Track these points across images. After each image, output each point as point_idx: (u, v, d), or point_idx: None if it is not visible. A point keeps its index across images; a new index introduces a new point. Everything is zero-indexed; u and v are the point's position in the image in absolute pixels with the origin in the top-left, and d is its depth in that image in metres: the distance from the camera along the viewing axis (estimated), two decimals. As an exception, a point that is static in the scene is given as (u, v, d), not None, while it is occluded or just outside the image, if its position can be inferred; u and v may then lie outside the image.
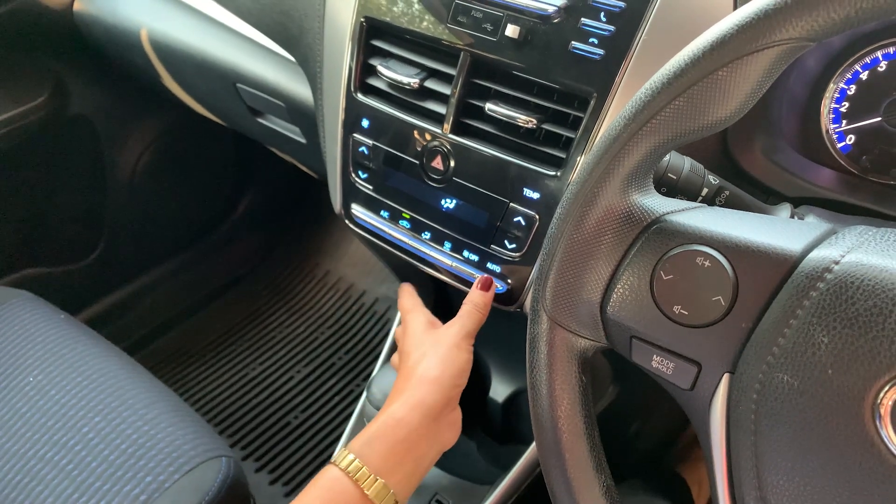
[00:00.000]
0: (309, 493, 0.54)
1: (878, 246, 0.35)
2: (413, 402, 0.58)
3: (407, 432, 0.57)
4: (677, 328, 0.39)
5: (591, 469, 0.43)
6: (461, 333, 0.63)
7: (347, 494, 0.53)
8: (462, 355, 0.62)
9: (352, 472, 0.54)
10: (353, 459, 0.54)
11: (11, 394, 0.85)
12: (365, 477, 0.54)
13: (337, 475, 0.54)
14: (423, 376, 0.60)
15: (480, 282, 0.67)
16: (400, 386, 0.61)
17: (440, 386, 0.59)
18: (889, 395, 0.32)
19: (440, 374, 0.60)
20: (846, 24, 0.32)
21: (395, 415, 0.57)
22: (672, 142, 0.38)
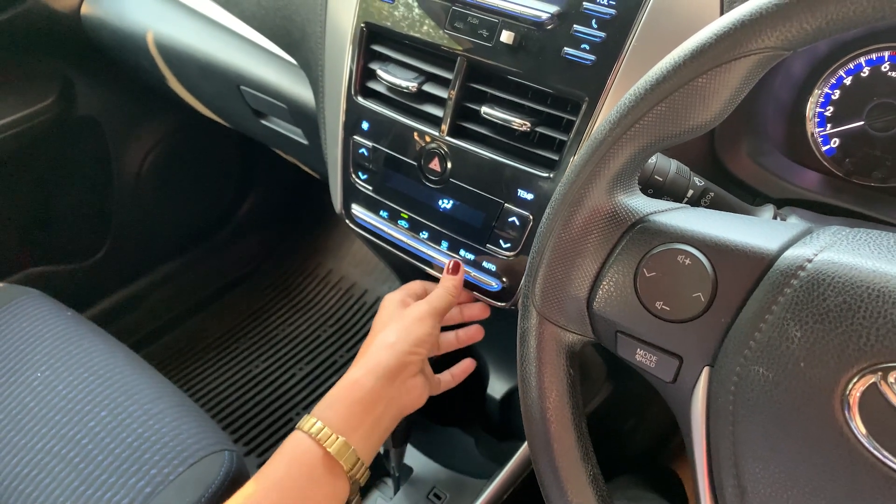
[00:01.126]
0: (276, 457, 0.56)
1: (849, 245, 0.36)
2: (369, 366, 0.61)
3: (363, 393, 0.59)
4: (660, 323, 0.41)
5: (577, 458, 0.45)
6: (426, 309, 0.66)
7: (311, 453, 0.55)
8: (422, 328, 0.64)
9: (314, 432, 0.56)
10: (315, 421, 0.57)
11: (20, 389, 0.86)
12: (326, 436, 0.56)
13: (300, 437, 0.56)
14: (381, 342, 0.63)
15: (450, 265, 0.70)
16: (361, 352, 0.64)
17: (395, 351, 0.62)
18: (857, 386, 0.33)
19: (396, 339, 0.63)
20: (818, 35, 0.34)
21: (352, 377, 0.61)
22: (655, 145, 0.39)
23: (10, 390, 0.87)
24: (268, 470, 0.55)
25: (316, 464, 0.55)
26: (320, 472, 0.55)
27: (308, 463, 0.55)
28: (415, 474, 0.91)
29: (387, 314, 0.67)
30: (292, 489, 0.54)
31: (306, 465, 0.55)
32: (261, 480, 0.54)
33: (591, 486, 0.45)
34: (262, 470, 0.55)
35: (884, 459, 0.33)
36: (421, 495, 0.89)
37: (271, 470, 0.55)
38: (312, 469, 0.55)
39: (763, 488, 0.37)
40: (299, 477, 0.54)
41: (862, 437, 0.33)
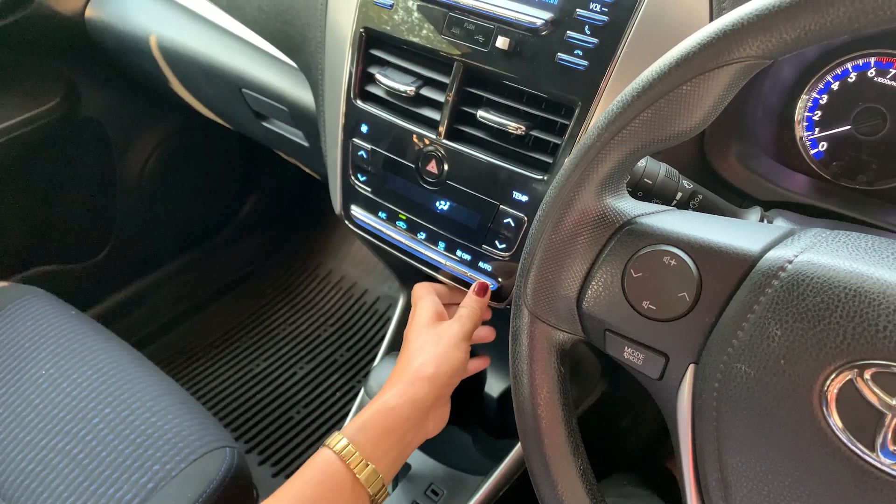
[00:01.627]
0: (304, 473, 0.56)
1: (829, 247, 0.37)
2: (407, 396, 0.61)
3: (398, 423, 0.60)
4: (646, 322, 0.42)
5: (568, 453, 0.46)
6: (461, 334, 0.65)
7: (339, 476, 0.56)
8: (458, 355, 0.64)
9: (345, 456, 0.56)
10: (347, 444, 0.57)
11: (25, 386, 0.88)
12: (357, 462, 0.56)
13: (331, 458, 0.56)
14: (420, 372, 0.62)
15: (477, 287, 0.70)
16: (397, 376, 0.63)
17: (433, 384, 0.62)
18: (835, 382, 0.34)
19: (435, 372, 0.62)
20: (797, 45, 0.35)
21: (389, 404, 0.60)
22: (642, 150, 0.41)
23: (15, 387, 0.88)
24: (297, 486, 0.55)
25: (344, 487, 0.56)
26: (347, 496, 0.56)
27: (337, 485, 0.56)
28: (412, 471, 0.92)
29: (421, 329, 0.67)
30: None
31: (335, 487, 0.56)
32: (290, 496, 0.54)
33: (580, 480, 0.46)
34: (291, 484, 0.55)
35: (859, 453, 0.34)
36: (419, 491, 0.89)
37: (300, 487, 0.55)
38: (341, 492, 0.56)
39: (745, 481, 0.39)
40: (327, 498, 0.55)
41: (839, 430, 0.34)
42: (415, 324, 0.68)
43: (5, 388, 0.88)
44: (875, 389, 0.33)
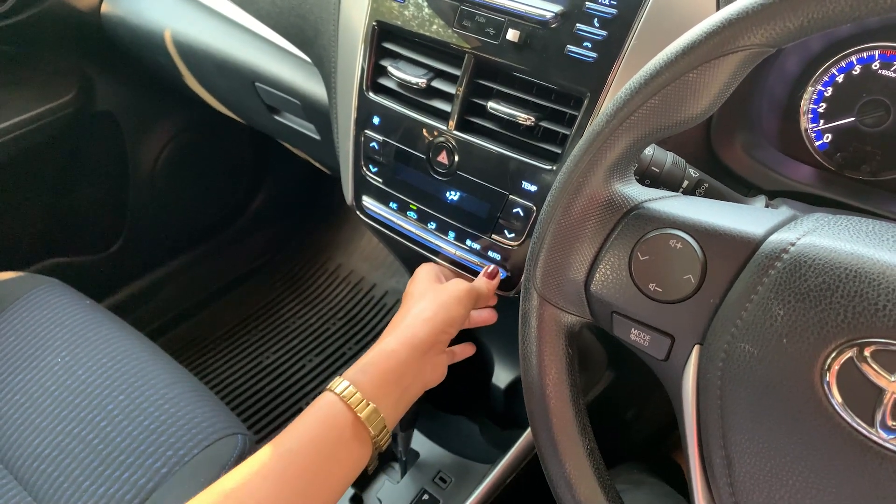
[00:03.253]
0: (306, 415, 0.56)
1: (830, 230, 0.38)
2: (405, 337, 0.61)
3: (396, 363, 0.60)
4: (653, 304, 0.43)
5: (575, 432, 0.47)
6: (466, 291, 0.66)
7: (341, 416, 0.55)
8: (458, 309, 0.65)
9: (346, 396, 0.56)
10: (348, 385, 0.57)
11: (41, 373, 0.89)
12: (358, 401, 0.56)
13: (332, 399, 0.56)
14: (418, 315, 0.63)
15: (487, 271, 0.71)
16: (396, 321, 0.64)
17: (431, 326, 0.63)
18: (836, 360, 0.35)
19: (433, 315, 0.63)
20: (800, 33, 0.36)
21: (388, 346, 0.61)
22: (649, 137, 0.42)
23: (31, 374, 0.89)
24: (299, 428, 0.55)
25: (346, 426, 0.55)
26: (349, 435, 0.55)
27: (339, 425, 0.55)
28: (421, 459, 0.93)
29: (424, 285, 0.68)
30: (322, 449, 0.54)
31: (337, 427, 0.55)
32: (292, 438, 0.54)
33: (588, 459, 0.47)
34: (293, 427, 0.55)
35: (858, 428, 0.35)
36: (427, 478, 0.91)
37: (302, 428, 0.55)
38: (343, 431, 0.55)
39: (748, 458, 0.40)
40: (329, 438, 0.55)
41: (839, 407, 0.35)
42: (417, 279, 0.69)
43: (22, 374, 0.90)
44: (875, 367, 0.34)
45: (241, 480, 0.50)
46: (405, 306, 0.66)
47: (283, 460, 0.52)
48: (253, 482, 0.50)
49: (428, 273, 0.70)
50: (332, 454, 0.54)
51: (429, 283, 0.68)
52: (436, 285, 0.68)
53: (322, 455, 0.54)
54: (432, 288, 0.67)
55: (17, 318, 0.96)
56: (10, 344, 0.94)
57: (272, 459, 0.52)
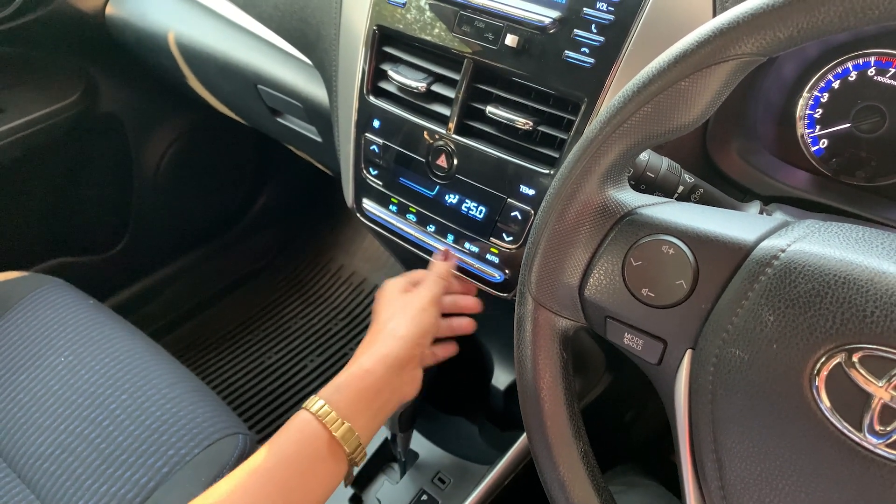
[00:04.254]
0: (281, 434, 0.58)
1: (821, 237, 0.39)
2: (380, 355, 0.63)
3: (373, 381, 0.61)
4: (645, 309, 0.43)
5: (569, 435, 0.48)
6: (428, 298, 0.68)
7: (316, 435, 0.57)
8: (427, 318, 0.67)
9: (321, 415, 0.57)
10: (323, 405, 0.58)
11: (45, 372, 0.90)
12: (333, 420, 0.57)
13: (308, 418, 0.58)
14: (392, 333, 0.65)
15: (441, 254, 0.73)
16: (370, 340, 0.65)
17: (406, 343, 0.64)
18: (825, 366, 0.36)
19: (406, 332, 0.65)
20: (790, 43, 0.36)
21: (364, 365, 0.62)
22: (642, 143, 0.42)
23: (35, 373, 0.90)
24: (276, 447, 0.57)
25: (321, 445, 0.57)
26: (325, 454, 0.57)
27: (314, 444, 0.57)
28: (420, 459, 0.94)
29: (390, 301, 0.69)
30: (298, 467, 0.56)
31: (313, 446, 0.57)
32: (269, 456, 0.56)
33: (581, 462, 0.48)
34: (270, 446, 0.57)
35: (847, 433, 0.35)
36: (426, 479, 0.91)
37: (279, 447, 0.57)
38: (318, 450, 0.57)
39: (739, 461, 0.40)
40: (306, 456, 0.57)
41: (828, 412, 0.36)
42: (384, 296, 0.70)
43: (26, 374, 0.91)
44: (863, 372, 0.35)
45: (221, 497, 0.52)
46: (376, 323, 0.67)
47: (261, 477, 0.54)
48: (233, 499, 0.52)
49: (393, 287, 0.71)
50: (309, 470, 0.56)
51: (396, 297, 0.69)
52: (404, 298, 0.69)
53: (299, 472, 0.56)
54: (401, 301, 0.68)
55: (22, 318, 0.97)
56: (14, 343, 0.94)
57: (251, 476, 0.54)
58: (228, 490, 0.53)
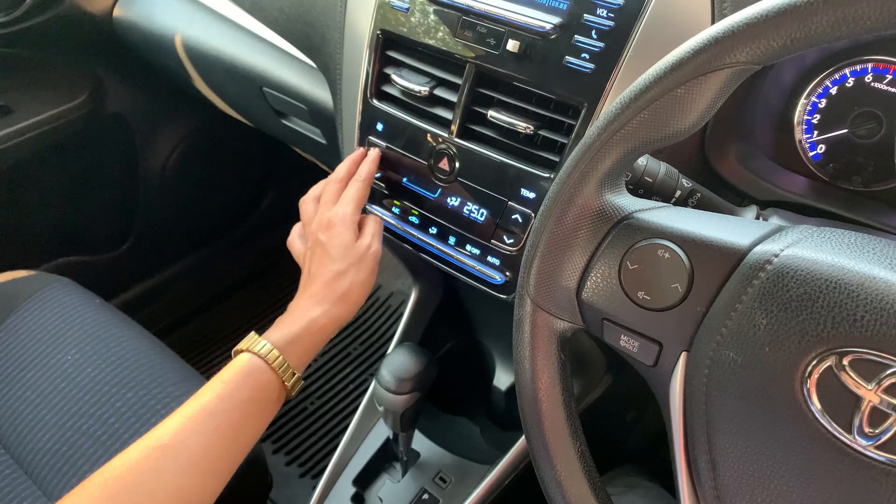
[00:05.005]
0: (236, 376, 0.61)
1: (813, 242, 0.39)
2: (333, 315, 0.67)
3: (323, 338, 0.67)
4: (641, 311, 0.44)
5: (567, 435, 0.49)
6: (376, 255, 0.71)
7: (270, 383, 0.62)
8: (372, 280, 0.71)
9: (276, 366, 0.62)
10: (278, 356, 0.62)
11: (51, 370, 0.91)
12: (286, 371, 0.63)
13: (263, 367, 0.62)
14: (347, 296, 0.69)
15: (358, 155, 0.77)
16: (322, 294, 0.68)
17: (356, 307, 0.70)
18: (816, 369, 0.36)
19: (358, 297, 0.70)
20: (784, 52, 0.37)
21: (318, 322, 0.66)
22: (640, 149, 0.43)
23: (42, 371, 0.91)
24: (231, 390, 0.60)
25: (272, 391, 0.62)
26: (274, 398, 0.62)
27: (266, 390, 0.62)
28: (422, 459, 0.95)
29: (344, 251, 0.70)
30: (250, 410, 0.60)
31: (265, 391, 0.61)
32: (224, 399, 0.59)
33: (578, 461, 0.49)
34: (224, 388, 0.60)
35: (837, 434, 0.36)
36: (427, 478, 0.92)
37: (235, 391, 0.60)
38: (269, 395, 0.62)
39: (732, 461, 0.41)
40: (258, 401, 0.61)
41: (818, 414, 0.36)
42: (337, 244, 0.70)
43: (33, 371, 0.92)
44: (853, 375, 0.35)
45: (175, 434, 0.55)
46: (327, 270, 0.69)
47: (215, 419, 0.57)
48: (188, 437, 0.55)
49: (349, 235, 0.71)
50: (259, 414, 0.61)
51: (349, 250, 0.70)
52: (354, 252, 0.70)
53: (251, 415, 0.60)
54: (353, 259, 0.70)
55: (29, 316, 0.98)
56: (21, 341, 0.95)
57: (206, 417, 0.57)
58: (181, 429, 0.56)
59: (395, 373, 0.81)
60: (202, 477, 0.55)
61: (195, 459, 0.55)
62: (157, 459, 0.53)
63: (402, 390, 0.81)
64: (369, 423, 0.99)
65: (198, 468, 0.55)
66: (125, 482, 0.52)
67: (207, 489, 0.56)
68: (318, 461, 1.35)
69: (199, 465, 0.55)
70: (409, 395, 0.81)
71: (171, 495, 0.53)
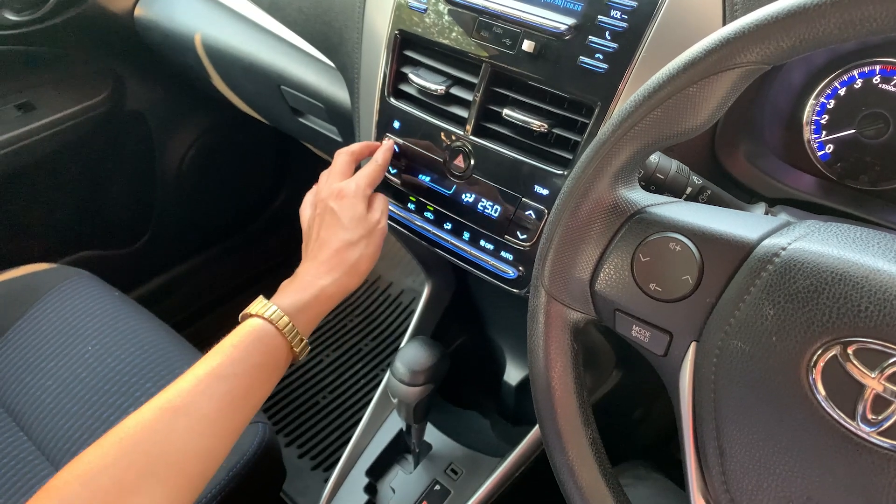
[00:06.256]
0: (247, 339, 0.62)
1: (820, 236, 0.41)
2: (342, 284, 0.69)
3: (330, 306, 0.69)
4: (653, 302, 0.45)
5: (579, 423, 0.50)
6: (384, 232, 0.73)
7: (280, 349, 0.63)
8: (378, 253, 0.73)
9: (286, 332, 0.63)
10: (288, 322, 0.64)
11: (73, 361, 0.93)
12: (295, 337, 0.64)
13: (273, 332, 0.63)
14: (356, 267, 0.70)
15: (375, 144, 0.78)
16: (332, 263, 0.69)
17: (362, 278, 0.71)
18: (821, 358, 0.37)
19: (366, 268, 0.71)
20: (793, 52, 0.38)
21: (328, 291, 0.68)
22: (652, 146, 0.44)
23: (63, 361, 0.93)
24: (243, 354, 0.61)
25: (282, 356, 0.63)
26: (283, 363, 0.64)
27: (276, 355, 0.63)
28: (433, 451, 0.96)
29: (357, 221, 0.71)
30: (260, 375, 0.61)
31: (275, 356, 0.63)
32: (236, 363, 0.60)
33: (590, 448, 0.50)
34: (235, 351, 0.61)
35: (841, 421, 0.37)
36: (439, 470, 0.93)
37: (247, 355, 0.61)
38: (279, 360, 0.63)
39: (739, 448, 0.42)
40: (268, 366, 0.62)
41: (823, 401, 0.38)
42: (349, 215, 0.71)
43: (54, 361, 0.94)
44: (857, 364, 0.36)
45: (187, 396, 0.56)
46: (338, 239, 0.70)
47: (226, 382, 0.58)
48: (198, 399, 0.56)
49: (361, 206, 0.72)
50: (268, 378, 0.62)
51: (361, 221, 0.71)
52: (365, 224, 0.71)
53: (260, 380, 0.61)
54: (363, 231, 0.71)
55: (51, 308, 1.00)
56: (43, 332, 0.97)
57: (217, 380, 0.58)
58: (194, 391, 0.57)
59: (409, 365, 0.82)
60: (212, 438, 0.56)
61: (206, 421, 0.56)
62: (169, 420, 0.55)
63: (416, 382, 0.82)
64: (382, 415, 1.00)
65: (208, 429, 0.56)
66: (139, 441, 0.53)
67: (216, 450, 0.57)
68: (329, 454, 1.36)
69: (209, 427, 0.56)
70: (423, 387, 0.83)
71: (182, 455, 0.54)
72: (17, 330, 0.98)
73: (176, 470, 0.54)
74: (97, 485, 0.51)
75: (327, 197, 0.72)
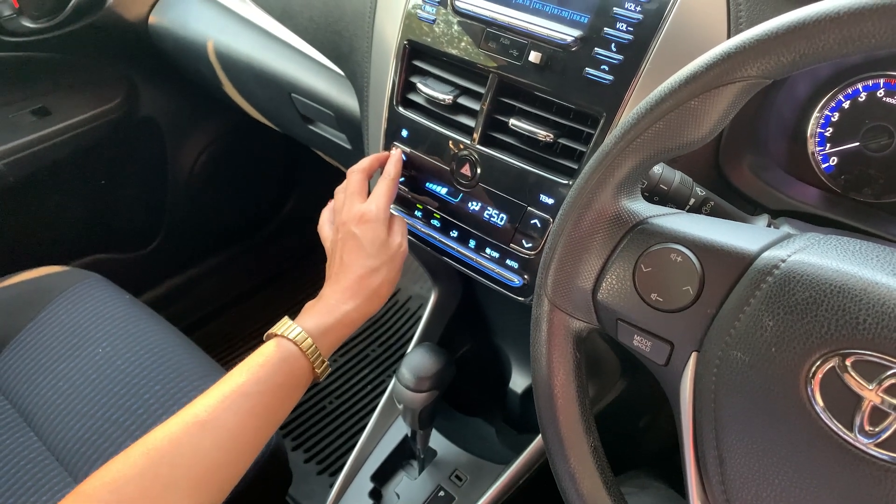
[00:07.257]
0: (272, 363, 0.63)
1: (819, 249, 0.41)
2: (364, 310, 0.70)
3: (351, 329, 0.70)
4: (654, 312, 0.46)
5: (581, 430, 0.50)
6: (404, 255, 0.74)
7: (303, 369, 0.65)
8: (402, 261, 0.74)
9: (309, 354, 0.65)
10: (312, 344, 0.65)
11: (83, 362, 0.94)
12: (317, 359, 0.65)
13: (297, 354, 0.64)
14: (378, 292, 0.71)
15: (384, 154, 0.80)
16: (354, 288, 0.70)
17: (383, 302, 0.72)
18: (820, 369, 0.38)
19: (387, 293, 0.72)
20: (793, 67, 0.39)
21: (351, 316, 0.69)
22: (655, 157, 0.45)
23: (74, 363, 0.94)
24: (267, 374, 0.62)
25: (303, 376, 0.65)
26: (304, 383, 0.65)
27: (298, 375, 0.64)
28: (438, 457, 0.96)
29: (378, 248, 0.71)
30: (283, 394, 0.63)
31: (297, 376, 0.64)
32: (260, 382, 0.61)
33: (591, 455, 0.50)
34: (260, 371, 0.62)
35: (839, 433, 0.38)
36: (443, 476, 0.94)
37: (271, 375, 0.62)
38: (300, 380, 0.65)
39: (739, 458, 0.42)
40: (291, 386, 0.64)
41: (822, 412, 0.38)
42: (371, 240, 0.71)
43: (66, 363, 0.95)
44: (855, 376, 0.37)
45: (213, 411, 0.58)
46: (360, 266, 0.71)
47: (250, 400, 0.60)
48: (223, 414, 0.58)
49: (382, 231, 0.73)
50: (289, 397, 0.64)
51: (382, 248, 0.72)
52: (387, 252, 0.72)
53: (281, 398, 0.63)
54: (386, 258, 0.72)
55: (63, 310, 1.01)
56: (54, 334, 0.98)
57: (241, 397, 0.60)
58: (219, 407, 0.58)
59: (415, 371, 0.83)
60: (236, 453, 0.58)
61: (230, 436, 0.58)
62: (195, 434, 0.56)
63: (421, 388, 0.83)
64: (387, 421, 1.01)
65: (232, 444, 0.58)
66: (165, 453, 0.55)
67: (238, 464, 0.59)
68: (335, 459, 1.36)
69: (233, 442, 0.58)
70: (428, 394, 0.83)
71: (207, 468, 0.56)
72: (30, 331, 0.99)
73: (199, 482, 0.55)
74: (124, 493, 0.52)
75: (349, 221, 0.73)
